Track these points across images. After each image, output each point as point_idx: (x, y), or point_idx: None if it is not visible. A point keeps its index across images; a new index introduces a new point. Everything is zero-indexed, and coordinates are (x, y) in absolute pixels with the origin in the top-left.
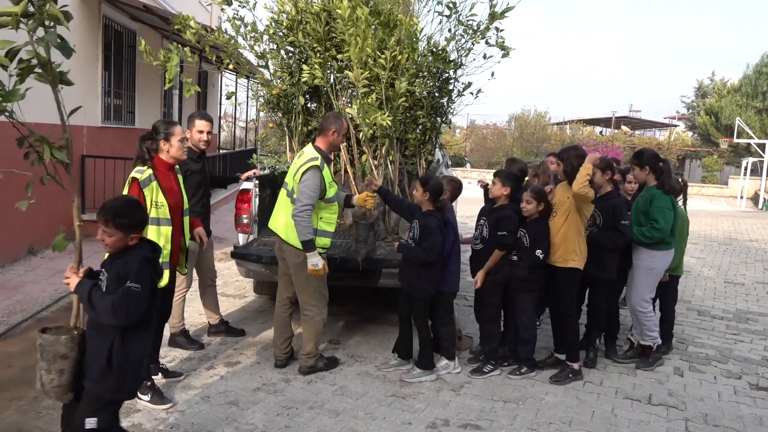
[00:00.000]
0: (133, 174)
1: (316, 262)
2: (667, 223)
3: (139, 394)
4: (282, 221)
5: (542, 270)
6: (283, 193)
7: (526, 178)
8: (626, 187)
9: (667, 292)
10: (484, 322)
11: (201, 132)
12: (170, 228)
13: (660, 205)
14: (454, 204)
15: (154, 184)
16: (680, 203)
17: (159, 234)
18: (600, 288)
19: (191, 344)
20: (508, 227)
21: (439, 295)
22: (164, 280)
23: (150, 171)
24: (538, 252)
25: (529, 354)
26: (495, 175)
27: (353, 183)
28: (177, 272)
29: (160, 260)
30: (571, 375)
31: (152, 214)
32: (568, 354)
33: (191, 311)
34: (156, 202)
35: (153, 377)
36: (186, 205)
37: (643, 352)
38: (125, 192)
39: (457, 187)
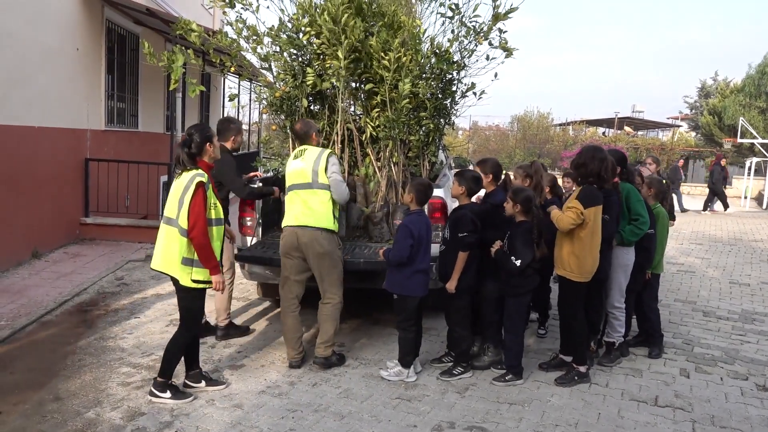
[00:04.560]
0: (197, 178)
1: None
2: (647, 213)
3: (156, 391)
4: (311, 210)
5: (527, 276)
6: (300, 192)
7: (513, 178)
8: (565, 185)
9: (647, 289)
10: (452, 326)
11: None
12: (223, 227)
13: (638, 197)
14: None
15: (210, 186)
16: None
17: (220, 234)
18: (595, 287)
19: (242, 332)
20: (466, 227)
21: (401, 298)
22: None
23: (206, 174)
24: (513, 258)
25: (513, 361)
26: (455, 175)
27: (357, 185)
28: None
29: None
30: (576, 377)
31: (212, 215)
32: (575, 356)
33: None
34: (214, 203)
35: (196, 385)
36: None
37: (607, 349)
38: (188, 197)
39: (422, 189)
